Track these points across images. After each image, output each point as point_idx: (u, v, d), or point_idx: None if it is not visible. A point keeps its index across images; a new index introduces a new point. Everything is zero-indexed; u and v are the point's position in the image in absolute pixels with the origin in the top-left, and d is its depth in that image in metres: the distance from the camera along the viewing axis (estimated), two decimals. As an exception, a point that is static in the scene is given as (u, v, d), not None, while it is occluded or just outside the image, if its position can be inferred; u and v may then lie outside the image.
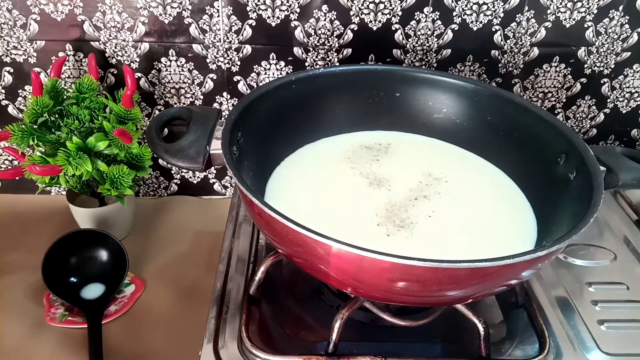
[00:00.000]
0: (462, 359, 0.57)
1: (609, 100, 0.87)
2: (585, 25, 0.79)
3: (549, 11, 0.78)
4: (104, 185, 0.71)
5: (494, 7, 0.77)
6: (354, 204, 0.60)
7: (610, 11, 0.78)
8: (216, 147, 0.55)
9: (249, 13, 0.76)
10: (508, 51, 0.81)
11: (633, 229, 0.75)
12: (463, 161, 0.69)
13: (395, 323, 0.59)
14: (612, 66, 0.84)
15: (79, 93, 0.73)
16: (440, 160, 0.69)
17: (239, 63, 0.80)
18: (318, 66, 0.81)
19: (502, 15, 0.78)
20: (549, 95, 0.86)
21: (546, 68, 0.83)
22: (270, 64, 0.81)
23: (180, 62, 0.80)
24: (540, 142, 0.63)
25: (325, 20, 0.77)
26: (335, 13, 0.77)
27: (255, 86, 0.83)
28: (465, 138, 0.71)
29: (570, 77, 0.84)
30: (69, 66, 0.80)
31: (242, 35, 0.78)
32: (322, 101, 0.69)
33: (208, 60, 0.80)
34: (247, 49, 0.79)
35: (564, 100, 0.87)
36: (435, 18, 0.78)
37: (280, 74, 0.81)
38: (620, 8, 0.78)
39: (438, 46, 0.80)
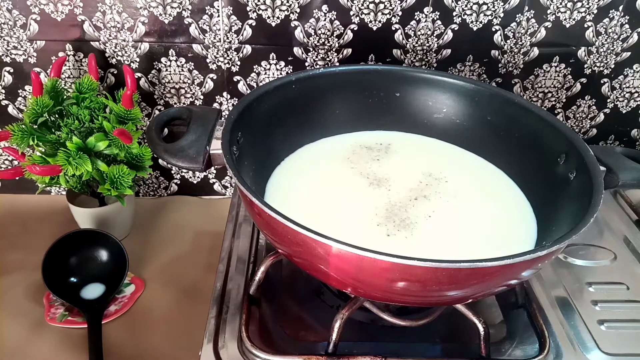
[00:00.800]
0: (462, 359, 0.57)
1: (609, 100, 0.87)
2: (585, 25, 0.80)
3: (549, 11, 0.78)
4: (104, 185, 0.71)
5: (494, 7, 0.77)
6: (354, 204, 0.60)
7: (610, 11, 0.78)
8: (216, 147, 0.55)
9: (249, 13, 0.76)
10: (508, 51, 0.81)
11: (633, 229, 0.75)
12: (463, 161, 0.69)
13: (395, 323, 0.59)
14: (612, 66, 0.84)
15: (79, 93, 0.73)
16: (440, 160, 0.69)
17: (239, 63, 0.80)
18: (318, 66, 0.81)
19: (502, 15, 0.78)
20: (549, 95, 0.86)
21: (546, 68, 0.83)
22: (270, 64, 0.81)
23: (180, 62, 0.80)
24: (540, 142, 0.63)
25: (325, 20, 0.77)
26: (335, 13, 0.77)
27: (255, 86, 0.83)
28: (465, 138, 0.71)
29: (570, 77, 0.84)
30: (69, 66, 0.80)
31: (242, 35, 0.78)
32: (322, 101, 0.69)
33: (208, 60, 0.80)
34: (247, 49, 0.79)
35: (564, 100, 0.87)
36: (435, 18, 0.78)
37: (280, 74, 0.81)
38: (620, 8, 0.78)
39: (438, 46, 0.80)
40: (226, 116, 0.57)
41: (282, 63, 0.81)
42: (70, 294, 0.71)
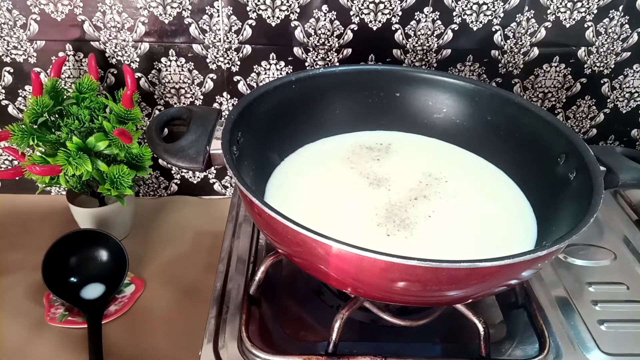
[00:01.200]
0: (462, 359, 0.57)
1: (609, 100, 0.87)
2: (585, 25, 0.80)
3: (549, 11, 0.78)
4: (104, 185, 0.71)
5: (494, 7, 0.77)
6: (353, 204, 0.60)
7: (610, 11, 0.78)
8: (216, 147, 0.55)
9: (249, 13, 0.76)
10: (508, 51, 0.81)
11: (633, 229, 0.75)
12: (463, 161, 0.69)
13: (395, 323, 0.59)
14: (612, 66, 0.84)
15: (79, 93, 0.73)
16: (440, 160, 0.69)
17: (239, 63, 0.80)
18: (318, 66, 0.81)
19: (502, 15, 0.78)
20: (549, 95, 0.86)
21: (546, 68, 0.83)
22: (270, 64, 0.81)
23: (180, 62, 0.80)
24: (540, 142, 0.63)
25: (325, 20, 0.77)
26: (335, 13, 0.77)
27: (255, 86, 0.83)
28: (465, 138, 0.71)
29: (570, 77, 0.84)
30: (69, 66, 0.80)
31: (242, 35, 0.78)
32: (322, 101, 0.69)
33: (208, 60, 0.80)
34: (247, 49, 0.79)
35: (564, 100, 0.87)
36: (435, 18, 0.78)
37: (280, 74, 0.81)
38: (620, 8, 0.78)
39: (438, 46, 0.80)
40: (226, 116, 0.57)
41: (282, 63, 0.81)
42: (70, 294, 0.71)
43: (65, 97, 0.74)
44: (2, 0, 0.74)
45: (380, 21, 0.78)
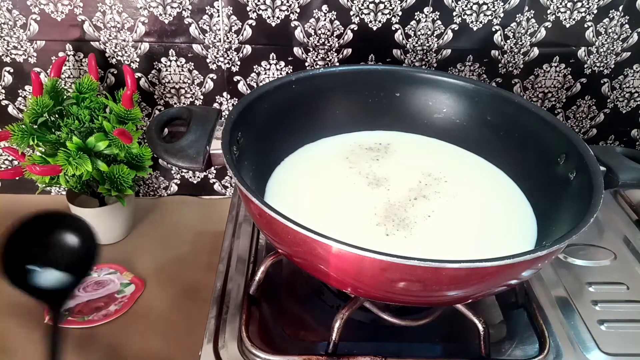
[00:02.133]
0: (462, 359, 0.57)
1: (609, 100, 0.87)
2: (585, 25, 0.80)
3: (549, 11, 0.78)
4: (104, 185, 0.71)
5: (494, 7, 0.77)
6: (353, 204, 0.60)
7: (610, 11, 0.78)
8: (216, 147, 0.55)
9: (249, 13, 0.76)
10: (508, 51, 0.81)
11: (633, 229, 0.75)
12: (463, 161, 0.69)
13: (395, 323, 0.59)
14: (612, 66, 0.84)
15: (79, 93, 0.74)
16: (440, 160, 0.69)
17: (239, 63, 0.80)
18: (318, 66, 0.81)
19: (502, 15, 0.78)
20: (549, 95, 0.86)
21: (546, 68, 0.83)
22: (270, 64, 0.81)
23: (180, 62, 0.80)
24: (540, 142, 0.63)
25: (325, 20, 0.77)
26: (335, 13, 0.77)
27: (255, 86, 0.83)
28: (465, 138, 0.71)
29: (570, 77, 0.84)
30: (69, 66, 0.80)
31: (242, 35, 0.78)
32: (322, 101, 0.69)
33: (208, 60, 0.80)
34: (247, 49, 0.79)
35: (564, 100, 0.87)
36: (435, 18, 0.78)
37: (280, 74, 0.81)
38: (620, 8, 0.78)
39: (438, 46, 0.80)
40: (226, 116, 0.57)
41: (282, 63, 0.81)
42: (29, 283, 0.59)
43: (65, 97, 0.74)
44: (2, 0, 0.74)
45: (380, 21, 0.78)
